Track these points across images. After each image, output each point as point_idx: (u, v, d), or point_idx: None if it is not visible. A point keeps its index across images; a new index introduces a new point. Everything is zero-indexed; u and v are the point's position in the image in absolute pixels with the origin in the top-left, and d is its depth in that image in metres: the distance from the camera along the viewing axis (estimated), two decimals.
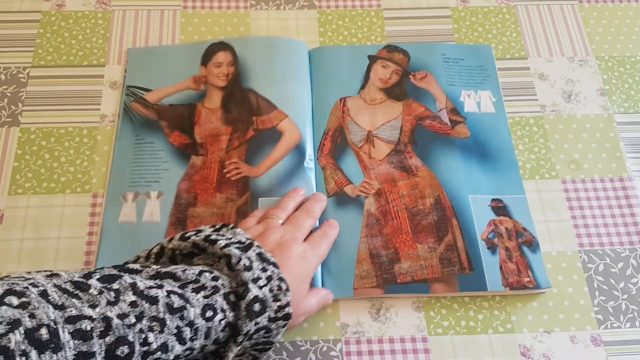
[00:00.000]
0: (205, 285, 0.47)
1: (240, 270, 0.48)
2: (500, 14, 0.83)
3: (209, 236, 0.51)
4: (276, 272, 0.50)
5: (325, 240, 0.62)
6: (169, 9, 0.81)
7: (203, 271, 0.48)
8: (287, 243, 0.57)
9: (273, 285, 0.49)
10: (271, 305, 0.49)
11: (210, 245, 0.50)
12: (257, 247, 0.51)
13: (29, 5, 0.80)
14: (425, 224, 0.67)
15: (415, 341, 0.62)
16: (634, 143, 0.74)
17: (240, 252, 0.49)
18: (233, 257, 0.49)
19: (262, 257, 0.50)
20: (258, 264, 0.49)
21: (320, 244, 0.61)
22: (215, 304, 0.46)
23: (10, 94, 0.74)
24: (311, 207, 0.64)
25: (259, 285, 0.48)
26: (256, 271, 0.49)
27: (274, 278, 0.50)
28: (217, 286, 0.47)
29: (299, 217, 0.62)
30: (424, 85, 0.75)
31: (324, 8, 0.82)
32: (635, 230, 0.68)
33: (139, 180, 0.68)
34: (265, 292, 0.48)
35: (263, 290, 0.48)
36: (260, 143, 0.70)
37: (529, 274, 0.64)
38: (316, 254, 0.59)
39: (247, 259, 0.49)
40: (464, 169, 0.70)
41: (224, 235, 0.52)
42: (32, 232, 0.66)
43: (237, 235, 0.52)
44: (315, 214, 0.64)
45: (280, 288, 0.50)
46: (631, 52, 0.80)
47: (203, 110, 0.72)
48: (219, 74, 0.74)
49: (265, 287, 0.48)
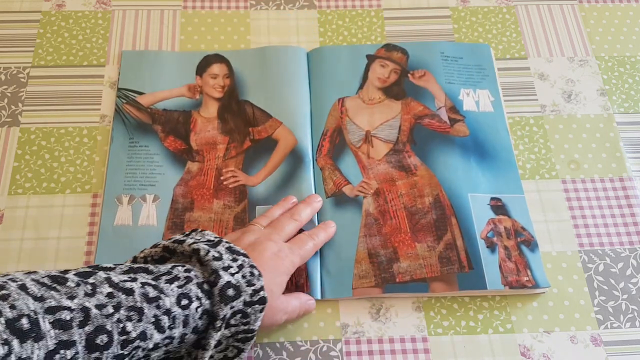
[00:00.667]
0: (178, 276, 0.48)
1: (209, 260, 0.49)
2: (500, 14, 0.83)
3: (178, 239, 0.53)
4: (247, 260, 0.51)
5: (309, 241, 0.62)
6: (169, 9, 0.81)
7: (175, 266, 0.50)
8: (262, 242, 0.58)
9: (245, 271, 0.50)
10: (245, 290, 0.49)
11: (179, 245, 0.51)
12: (226, 242, 0.53)
13: (29, 5, 0.80)
14: (424, 223, 0.67)
15: (415, 341, 0.62)
16: (634, 143, 0.74)
17: (209, 246, 0.51)
18: (201, 250, 0.50)
19: (232, 249, 0.52)
20: (228, 255, 0.51)
21: (302, 244, 0.61)
22: (189, 292, 0.47)
23: (10, 94, 0.74)
24: (297, 210, 0.64)
25: (231, 272, 0.49)
26: (226, 261, 0.50)
27: (245, 266, 0.51)
28: (189, 277, 0.48)
29: (280, 220, 0.63)
30: (422, 84, 0.75)
31: (324, 8, 0.82)
32: (635, 230, 0.68)
33: (134, 183, 0.68)
34: (237, 278, 0.49)
35: (235, 276, 0.49)
36: (256, 153, 0.71)
37: (528, 273, 0.64)
38: (295, 254, 0.59)
39: (215, 251, 0.50)
40: (463, 167, 0.70)
41: (193, 237, 0.53)
42: (32, 232, 0.66)
43: (206, 236, 0.54)
44: (301, 217, 0.64)
45: (252, 274, 0.51)
46: (631, 52, 0.80)
47: (199, 118, 0.72)
48: (215, 85, 0.74)
49: (237, 274, 0.50)
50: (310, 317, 0.63)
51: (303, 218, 0.64)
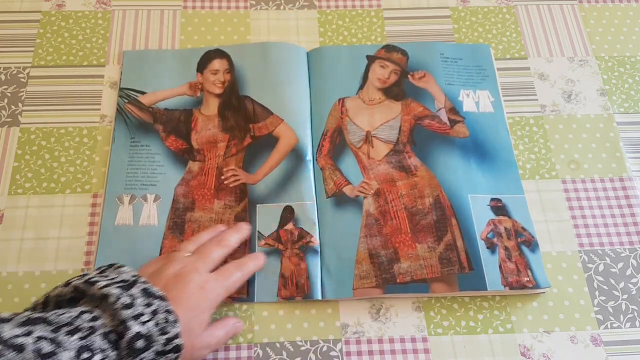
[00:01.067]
0: (80, 326, 0.46)
1: (118, 308, 0.47)
2: (500, 14, 0.83)
3: (89, 279, 0.50)
4: (163, 305, 0.49)
5: (236, 272, 0.59)
6: (169, 9, 0.81)
7: (83, 312, 0.47)
8: (186, 274, 0.55)
9: (159, 318, 0.48)
10: (158, 340, 0.48)
11: (90, 287, 0.49)
12: (142, 283, 0.50)
13: (29, 5, 0.80)
14: (425, 223, 0.67)
15: (415, 341, 0.62)
16: (634, 143, 0.74)
17: (121, 290, 0.48)
18: (111, 296, 0.48)
19: (147, 292, 0.50)
20: (142, 299, 0.49)
21: (228, 275, 0.59)
22: (92, 345, 0.45)
23: (10, 94, 0.74)
24: (224, 236, 0.62)
25: (142, 321, 0.47)
26: (139, 307, 0.48)
27: (160, 311, 0.49)
28: (94, 326, 0.46)
29: (207, 247, 0.60)
30: (422, 85, 0.75)
31: (324, 8, 0.82)
32: (635, 230, 0.68)
33: (135, 183, 0.68)
34: (149, 327, 0.47)
35: (147, 325, 0.47)
36: (257, 150, 0.70)
37: (528, 273, 0.64)
38: (221, 285, 0.57)
39: (128, 296, 0.48)
40: (463, 168, 0.70)
41: (107, 276, 0.51)
42: (32, 232, 0.66)
43: (121, 274, 0.51)
44: (229, 243, 0.62)
45: (167, 320, 0.49)
46: (631, 52, 0.80)
47: (200, 116, 0.72)
48: (215, 81, 0.74)
49: (149, 322, 0.48)
50: (310, 317, 0.63)
51: (231, 244, 0.62)
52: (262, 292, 0.63)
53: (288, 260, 0.65)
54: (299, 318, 0.63)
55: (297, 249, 0.65)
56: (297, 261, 0.64)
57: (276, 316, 0.63)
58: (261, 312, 0.63)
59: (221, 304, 0.63)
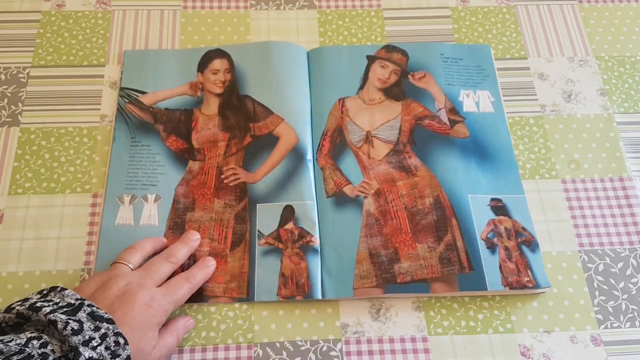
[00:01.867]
0: (31, 354, 0.45)
1: (68, 335, 0.46)
2: (500, 14, 0.83)
3: (33, 304, 0.49)
4: (111, 328, 0.49)
5: (184, 284, 0.59)
6: (169, 9, 0.81)
7: (31, 339, 0.46)
8: (132, 292, 0.54)
9: (109, 342, 0.48)
10: None
11: (35, 314, 0.48)
12: (87, 306, 0.50)
13: (29, 5, 0.80)
14: (425, 223, 0.67)
15: (415, 341, 0.62)
16: (634, 143, 0.74)
17: (67, 316, 0.48)
18: (59, 322, 0.47)
19: (94, 315, 0.49)
20: (90, 324, 0.48)
21: (176, 289, 0.58)
22: None
23: (10, 94, 0.74)
24: (173, 251, 0.62)
25: (92, 346, 0.47)
26: (87, 332, 0.47)
27: (110, 335, 0.48)
28: (46, 353, 0.45)
29: (154, 262, 0.60)
30: (422, 85, 0.75)
31: (324, 8, 0.82)
32: (635, 230, 0.68)
33: (136, 183, 0.68)
34: (100, 351, 0.47)
35: (98, 349, 0.47)
36: (257, 149, 0.70)
37: (529, 273, 0.64)
38: (168, 300, 0.56)
39: (75, 322, 0.47)
40: (463, 168, 0.70)
41: (51, 301, 0.50)
42: (32, 232, 0.66)
43: (65, 298, 0.50)
44: (177, 258, 0.61)
45: (118, 343, 0.48)
46: (631, 52, 0.80)
47: (200, 116, 0.72)
48: (216, 81, 0.74)
49: (100, 347, 0.47)
50: (310, 317, 0.63)
51: (179, 259, 0.61)
52: (262, 292, 0.63)
53: (288, 259, 0.65)
54: (299, 318, 0.63)
55: (297, 248, 0.65)
56: (297, 260, 0.64)
57: (276, 316, 0.63)
58: (261, 312, 0.63)
59: (221, 304, 0.63)
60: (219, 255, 0.65)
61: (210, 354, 0.60)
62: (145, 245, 0.61)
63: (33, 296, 0.51)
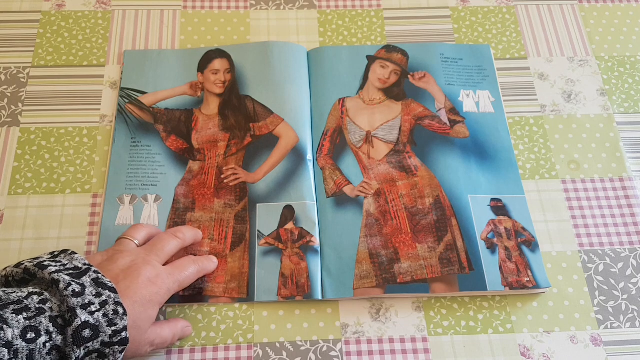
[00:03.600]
0: (28, 306, 0.45)
1: (68, 296, 0.46)
2: (500, 14, 0.83)
3: (42, 262, 0.50)
4: (113, 296, 0.49)
5: (191, 266, 0.59)
6: (169, 9, 0.81)
7: (32, 293, 0.47)
8: (137, 267, 0.54)
9: (108, 309, 0.48)
10: (105, 330, 0.47)
11: (40, 271, 0.49)
12: (94, 272, 0.50)
13: (29, 5, 0.80)
14: (425, 223, 0.67)
15: (415, 341, 0.62)
16: (634, 143, 0.74)
17: (72, 277, 0.48)
18: (61, 282, 0.47)
19: (98, 282, 0.49)
20: (92, 289, 0.48)
21: (183, 269, 0.58)
22: (39, 325, 0.45)
23: (10, 94, 0.74)
24: (180, 229, 0.62)
25: (90, 310, 0.47)
26: (88, 296, 0.47)
27: (110, 303, 0.48)
28: (43, 308, 0.46)
29: (161, 238, 0.60)
30: (422, 85, 0.75)
31: (324, 8, 0.82)
32: (635, 230, 0.68)
33: (136, 183, 0.68)
34: (98, 317, 0.47)
35: (95, 315, 0.47)
36: (257, 149, 0.70)
37: (529, 273, 0.64)
38: (173, 279, 0.56)
39: (78, 284, 0.48)
40: (463, 168, 0.70)
41: (59, 262, 0.50)
42: (32, 232, 0.66)
43: (74, 261, 0.51)
44: (184, 235, 0.61)
45: (116, 312, 0.48)
46: (631, 52, 0.80)
47: (200, 116, 0.72)
48: (216, 81, 0.74)
49: (98, 312, 0.47)
50: (310, 317, 0.63)
51: (187, 238, 0.62)
52: (262, 292, 0.63)
53: (288, 259, 0.65)
54: (299, 318, 0.63)
55: (297, 248, 0.65)
56: (297, 260, 0.64)
57: (276, 316, 0.63)
58: (261, 312, 0.63)
59: (221, 305, 0.63)
60: (219, 255, 0.65)
61: (210, 354, 0.60)
62: (151, 225, 0.62)
63: (44, 256, 0.52)
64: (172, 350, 0.60)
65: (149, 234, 0.61)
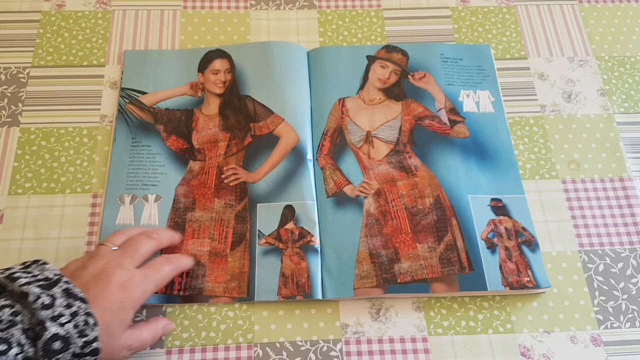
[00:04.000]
0: (0, 318, 0.46)
1: (37, 308, 0.47)
2: (500, 14, 0.83)
3: (12, 274, 0.49)
4: (83, 307, 0.49)
5: (166, 265, 0.59)
6: (169, 9, 0.81)
7: (4, 306, 0.47)
8: (109, 271, 0.54)
9: (79, 321, 0.48)
10: (76, 342, 0.47)
11: (11, 283, 0.48)
12: (64, 282, 0.49)
13: (29, 5, 0.80)
14: (425, 223, 0.67)
15: (415, 341, 0.62)
16: (634, 143, 0.74)
17: (42, 289, 0.48)
18: (30, 295, 0.47)
19: (69, 292, 0.49)
20: (62, 300, 0.48)
21: (157, 269, 0.57)
22: (10, 337, 0.45)
23: (10, 94, 0.74)
24: (155, 230, 0.62)
25: (61, 322, 0.47)
26: (58, 308, 0.47)
27: (80, 314, 0.48)
28: (14, 321, 0.46)
29: (135, 239, 0.59)
30: (422, 85, 0.75)
31: (324, 8, 0.82)
32: (635, 230, 0.68)
33: (136, 183, 0.68)
34: (68, 328, 0.47)
35: (66, 327, 0.47)
36: (258, 149, 0.70)
37: (529, 273, 0.64)
38: (148, 281, 0.56)
39: (48, 296, 0.48)
40: (463, 168, 0.70)
41: (30, 273, 0.50)
42: (32, 232, 0.66)
43: (44, 272, 0.50)
44: (159, 235, 0.61)
45: (87, 323, 0.48)
46: (631, 52, 0.80)
47: (201, 116, 0.72)
48: (216, 81, 0.74)
49: (68, 324, 0.47)
50: (310, 317, 0.63)
51: (162, 239, 0.61)
52: (262, 291, 0.63)
53: (289, 259, 0.65)
54: (299, 318, 0.63)
55: (297, 248, 0.65)
56: (297, 260, 0.64)
57: (276, 316, 0.63)
58: (261, 312, 0.63)
59: (221, 305, 0.63)
60: (219, 254, 0.65)
61: (210, 354, 0.60)
62: (132, 230, 0.62)
63: (16, 266, 0.51)
64: (172, 350, 0.60)
65: (127, 238, 0.61)
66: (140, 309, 0.62)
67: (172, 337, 0.61)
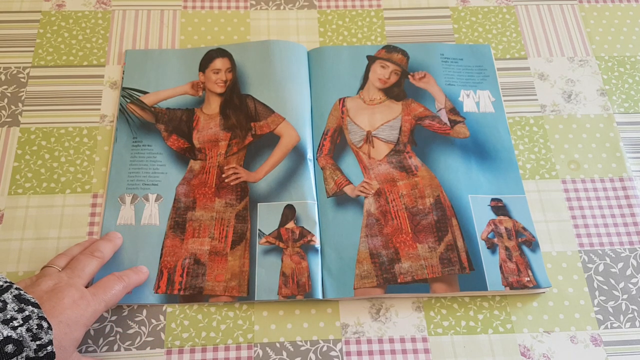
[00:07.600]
0: None
1: None
2: (500, 14, 0.83)
3: None
4: (36, 312, 0.48)
5: (117, 284, 0.58)
6: (169, 9, 0.81)
7: None
8: (60, 289, 0.54)
9: (32, 324, 0.47)
10: (29, 345, 0.47)
11: None
12: (15, 289, 0.49)
13: (29, 5, 0.80)
14: (425, 223, 0.67)
15: (415, 341, 0.62)
16: (634, 143, 0.74)
17: None
18: None
19: (20, 298, 0.48)
20: (14, 305, 0.48)
21: (107, 288, 0.57)
22: None
23: (10, 94, 0.74)
24: (97, 247, 0.61)
25: (13, 325, 0.46)
26: (10, 312, 0.47)
27: (33, 317, 0.48)
28: None
29: (79, 260, 0.59)
30: (423, 85, 0.75)
31: (324, 8, 0.82)
32: (635, 230, 0.68)
33: (137, 182, 0.68)
34: (21, 332, 0.46)
35: (18, 330, 0.46)
36: (258, 148, 0.71)
37: (529, 273, 0.64)
38: (99, 300, 0.55)
39: None
40: (463, 168, 0.70)
41: None
42: (32, 232, 0.66)
43: None
44: (102, 254, 0.61)
45: (40, 327, 0.47)
46: (631, 52, 0.80)
47: (202, 116, 0.72)
48: (217, 81, 0.74)
49: (21, 327, 0.47)
50: (310, 317, 0.63)
51: (105, 253, 0.61)
52: (263, 291, 0.63)
53: (289, 258, 0.65)
54: (299, 318, 0.63)
55: (298, 247, 0.65)
56: (298, 260, 0.64)
57: (276, 316, 0.63)
58: (261, 312, 0.63)
59: (221, 305, 0.63)
60: (220, 254, 0.65)
61: (210, 354, 0.60)
62: (73, 249, 0.62)
63: None
64: (172, 350, 0.60)
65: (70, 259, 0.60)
66: (140, 309, 0.62)
67: (172, 337, 0.61)
